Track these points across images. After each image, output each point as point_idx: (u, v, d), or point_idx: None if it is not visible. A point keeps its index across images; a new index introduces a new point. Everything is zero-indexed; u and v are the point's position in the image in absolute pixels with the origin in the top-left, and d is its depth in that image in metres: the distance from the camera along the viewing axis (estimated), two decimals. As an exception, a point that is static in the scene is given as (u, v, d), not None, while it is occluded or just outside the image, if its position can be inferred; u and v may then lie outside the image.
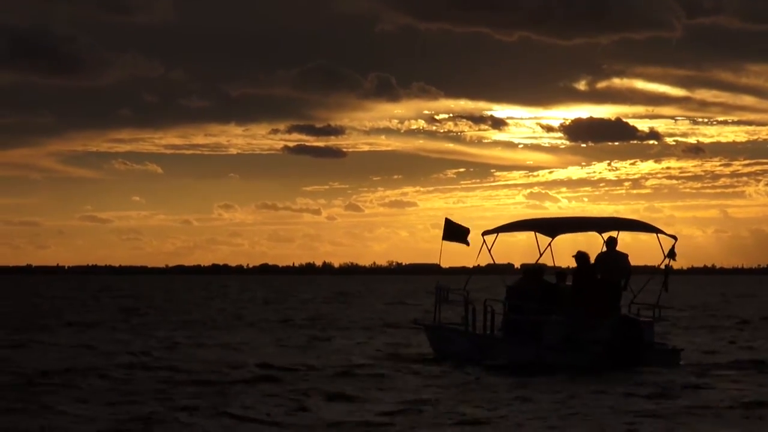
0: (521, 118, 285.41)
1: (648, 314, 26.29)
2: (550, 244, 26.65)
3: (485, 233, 27.71)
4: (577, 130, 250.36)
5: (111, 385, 21.57)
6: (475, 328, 27.29)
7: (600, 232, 26.58)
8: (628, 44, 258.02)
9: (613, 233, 26.53)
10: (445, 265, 28.66)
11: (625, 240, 28.26)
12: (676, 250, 26.46)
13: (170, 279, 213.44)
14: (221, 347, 31.34)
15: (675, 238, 26.65)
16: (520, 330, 26.18)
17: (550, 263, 27.38)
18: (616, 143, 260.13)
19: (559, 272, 26.79)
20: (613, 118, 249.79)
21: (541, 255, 26.77)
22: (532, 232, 27.37)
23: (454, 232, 27.85)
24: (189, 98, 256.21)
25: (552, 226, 27.01)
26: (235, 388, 21.10)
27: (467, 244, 27.87)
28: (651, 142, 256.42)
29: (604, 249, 26.32)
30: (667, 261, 26.59)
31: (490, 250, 27.62)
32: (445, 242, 28.05)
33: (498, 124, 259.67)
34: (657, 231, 26.88)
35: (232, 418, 17.30)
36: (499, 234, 27.71)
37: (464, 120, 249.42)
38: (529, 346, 25.73)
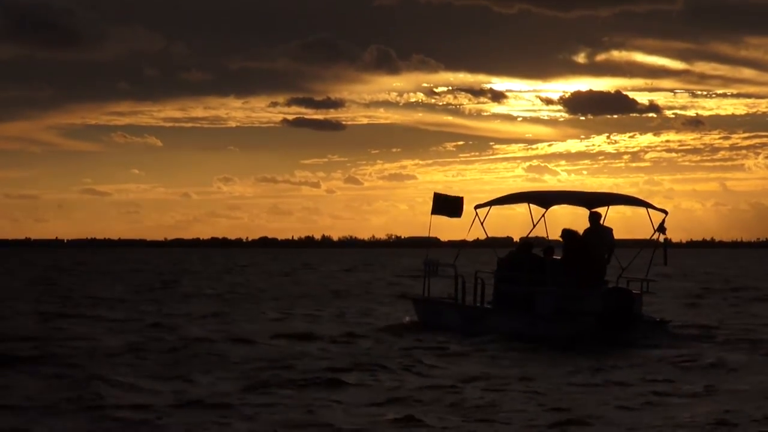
0: (520, 91, 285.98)
1: (637, 286, 26.67)
2: (543, 216, 27.08)
3: (477, 207, 28.02)
4: (576, 103, 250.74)
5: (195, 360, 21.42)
6: (464, 300, 27.73)
7: (590, 206, 26.85)
8: (627, 17, 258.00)
9: (601, 210, 26.88)
10: (444, 238, 28.98)
11: (626, 214, 28.70)
12: (666, 224, 26.83)
13: (173, 252, 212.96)
14: (272, 319, 31.51)
15: (665, 212, 26.95)
16: (511, 301, 26.56)
17: (543, 235, 27.80)
18: (615, 116, 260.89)
19: (548, 246, 27.16)
20: (612, 91, 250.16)
21: (534, 226, 27.15)
22: (526, 204, 27.72)
23: (444, 205, 28.11)
24: (189, 72, 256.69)
25: (545, 198, 27.32)
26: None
27: (459, 216, 28.15)
28: (650, 115, 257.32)
29: (589, 225, 26.72)
30: (657, 235, 26.93)
31: (482, 224, 28.01)
32: (434, 216, 28.39)
33: (497, 97, 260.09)
34: (647, 205, 27.17)
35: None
36: (493, 207, 28.08)
37: (463, 93, 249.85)
38: (520, 317, 26.10)
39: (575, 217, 27.48)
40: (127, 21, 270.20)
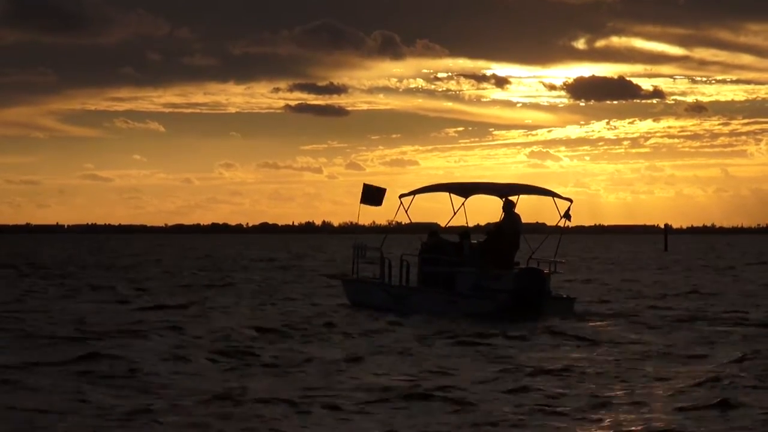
0: (520, 77, 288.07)
1: (546, 267, 29.45)
2: (463, 205, 29.92)
3: (402, 196, 30.87)
4: (579, 89, 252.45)
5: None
6: (390, 280, 30.49)
7: (502, 195, 29.64)
8: (629, 3, 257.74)
9: (513, 197, 29.68)
10: (444, 224, 31.45)
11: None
12: (571, 212, 29.53)
13: (186, 239, 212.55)
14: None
15: (570, 200, 29.73)
16: (434, 281, 29.34)
17: (462, 221, 30.67)
18: (615, 102, 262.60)
19: (464, 231, 29.93)
20: (615, 77, 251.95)
21: (454, 214, 30.03)
22: (447, 194, 30.52)
23: (371, 196, 30.94)
24: (192, 57, 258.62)
25: (464, 189, 30.16)
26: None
27: (379, 204, 30.99)
28: (650, 101, 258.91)
29: (503, 213, 29.50)
30: (563, 221, 29.67)
31: (407, 211, 30.85)
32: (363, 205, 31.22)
33: (498, 82, 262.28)
34: (553, 195, 29.96)
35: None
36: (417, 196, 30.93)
37: (464, 78, 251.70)
38: (442, 295, 28.89)
39: (491, 205, 30.19)
40: (130, 5, 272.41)
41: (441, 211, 31.09)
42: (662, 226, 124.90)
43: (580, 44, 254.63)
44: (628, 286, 42.49)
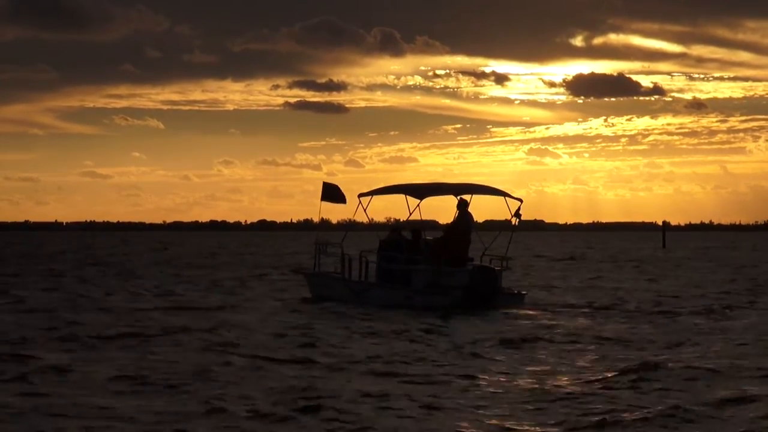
0: (519, 74, 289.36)
1: (498, 264, 31.04)
2: (418, 206, 31.53)
3: (361, 195, 32.52)
4: (578, 86, 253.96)
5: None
6: (351, 275, 32.01)
7: (457, 195, 31.25)
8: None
9: (466, 197, 31.26)
10: (442, 221, 33.01)
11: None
12: (521, 211, 31.13)
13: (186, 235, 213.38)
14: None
15: (520, 200, 31.36)
16: (391, 277, 30.96)
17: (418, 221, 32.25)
18: (613, 99, 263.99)
19: (414, 229, 31.48)
20: (614, 74, 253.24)
21: (410, 214, 31.63)
22: (403, 195, 32.11)
23: (331, 193, 32.52)
24: (191, 54, 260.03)
25: (419, 190, 31.78)
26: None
27: (344, 202, 32.59)
28: (651, 98, 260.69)
29: (457, 211, 31.06)
30: (514, 220, 31.23)
31: (365, 210, 32.47)
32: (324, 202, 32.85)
33: (498, 79, 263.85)
34: (504, 195, 31.57)
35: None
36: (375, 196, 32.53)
37: (461, 75, 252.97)
38: (399, 291, 30.49)
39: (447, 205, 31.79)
40: (130, 2, 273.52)
41: (399, 210, 32.57)
42: (660, 223, 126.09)
43: (579, 41, 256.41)
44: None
